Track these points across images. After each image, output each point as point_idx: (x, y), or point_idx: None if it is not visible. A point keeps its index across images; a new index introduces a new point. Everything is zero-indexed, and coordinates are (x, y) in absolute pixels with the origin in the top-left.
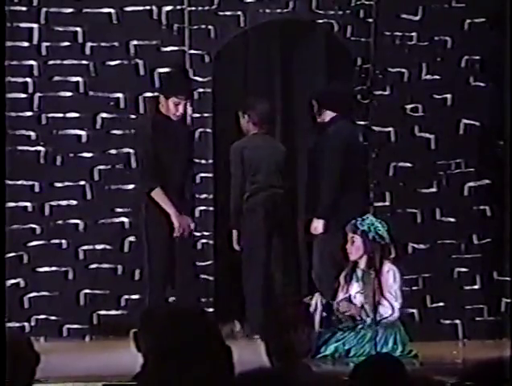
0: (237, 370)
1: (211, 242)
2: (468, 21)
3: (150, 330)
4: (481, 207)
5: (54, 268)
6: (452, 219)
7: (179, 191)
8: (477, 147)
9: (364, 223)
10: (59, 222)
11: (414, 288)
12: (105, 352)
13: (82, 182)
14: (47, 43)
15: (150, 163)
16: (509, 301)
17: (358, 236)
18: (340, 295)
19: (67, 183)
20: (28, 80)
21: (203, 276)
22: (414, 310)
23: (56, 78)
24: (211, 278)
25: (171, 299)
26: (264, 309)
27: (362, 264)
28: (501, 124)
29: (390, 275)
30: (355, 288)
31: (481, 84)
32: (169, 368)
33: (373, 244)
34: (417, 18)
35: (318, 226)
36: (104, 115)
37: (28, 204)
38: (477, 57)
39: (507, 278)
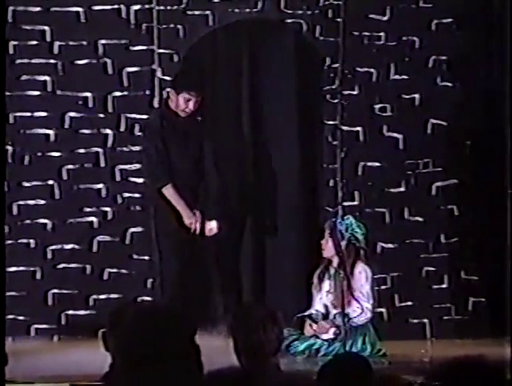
0: (206, 369)
1: None
2: (435, 21)
3: (118, 330)
4: (449, 207)
5: (22, 268)
6: (420, 219)
7: (190, 188)
8: (445, 147)
9: (342, 223)
10: (27, 221)
11: (382, 287)
12: (74, 352)
13: (50, 182)
14: (15, 42)
15: (160, 159)
16: (476, 299)
17: (334, 235)
18: (314, 293)
19: (35, 183)
20: None
21: None
22: (383, 309)
23: (24, 77)
24: None
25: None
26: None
27: (335, 263)
28: (468, 124)
29: (362, 276)
30: (326, 286)
31: (448, 84)
32: (137, 368)
33: (347, 244)
34: (385, 18)
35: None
36: (72, 114)
37: None
38: (444, 57)
39: (474, 277)
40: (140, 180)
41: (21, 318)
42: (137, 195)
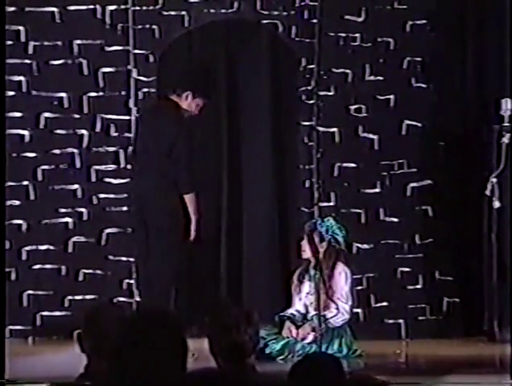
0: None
1: None
2: (409, 22)
3: (94, 331)
4: (423, 208)
5: None
6: (395, 220)
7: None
8: (419, 148)
9: (323, 225)
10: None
11: (358, 288)
12: (49, 353)
13: (25, 183)
14: None
15: (190, 165)
16: (451, 300)
17: (314, 236)
18: (294, 294)
19: (10, 183)
20: None
21: None
22: (359, 310)
23: None
24: None
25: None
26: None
27: (315, 264)
28: (443, 125)
29: (342, 277)
30: (307, 288)
31: (423, 86)
32: (112, 368)
33: (327, 246)
34: (360, 19)
35: None
36: (47, 115)
37: None
38: (419, 58)
39: (449, 278)
40: (115, 181)
41: None
42: (112, 196)
